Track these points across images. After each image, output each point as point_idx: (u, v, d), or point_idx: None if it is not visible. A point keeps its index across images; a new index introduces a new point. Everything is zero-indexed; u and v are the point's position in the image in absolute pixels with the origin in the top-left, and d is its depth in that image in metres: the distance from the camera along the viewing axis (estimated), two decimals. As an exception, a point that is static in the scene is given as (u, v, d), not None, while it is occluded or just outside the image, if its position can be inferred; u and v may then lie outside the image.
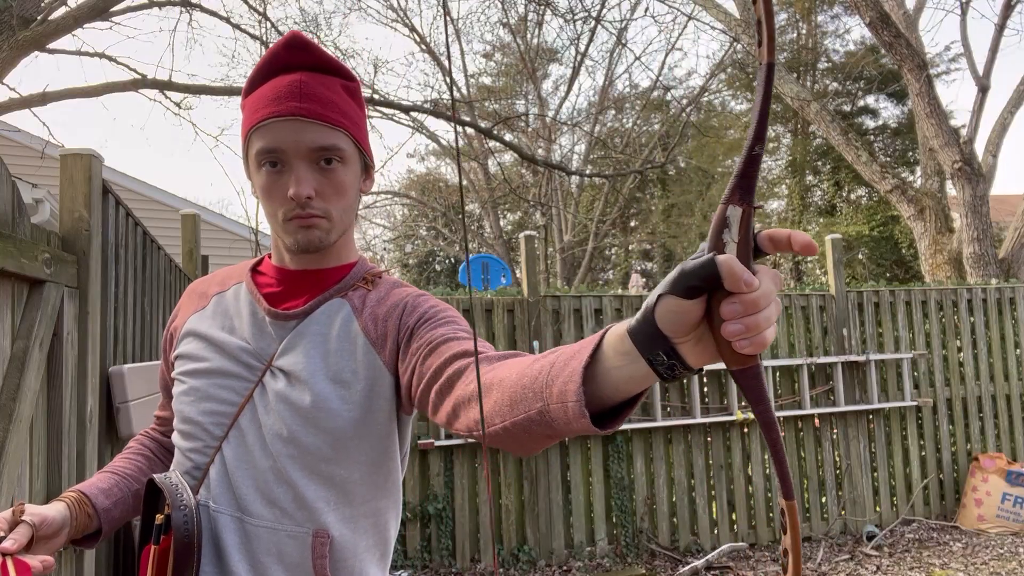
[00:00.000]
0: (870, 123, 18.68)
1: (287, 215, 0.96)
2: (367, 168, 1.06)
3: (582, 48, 16.35)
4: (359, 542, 0.98)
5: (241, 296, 1.06)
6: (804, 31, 18.59)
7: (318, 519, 0.94)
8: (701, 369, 0.59)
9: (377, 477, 1.00)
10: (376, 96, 7.61)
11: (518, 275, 13.21)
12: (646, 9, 19.42)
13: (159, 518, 0.88)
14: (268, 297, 1.04)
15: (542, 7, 9.00)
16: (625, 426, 4.53)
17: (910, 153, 17.32)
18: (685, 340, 0.57)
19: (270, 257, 1.10)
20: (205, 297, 1.10)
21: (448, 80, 15.69)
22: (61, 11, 5.25)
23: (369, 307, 1.01)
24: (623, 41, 12.02)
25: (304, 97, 0.95)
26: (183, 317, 1.10)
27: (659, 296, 0.56)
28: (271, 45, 1.10)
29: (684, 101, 16.27)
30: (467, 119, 10.94)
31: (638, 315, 0.60)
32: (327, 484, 0.96)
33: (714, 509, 4.83)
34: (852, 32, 19.43)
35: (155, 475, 0.95)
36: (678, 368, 0.58)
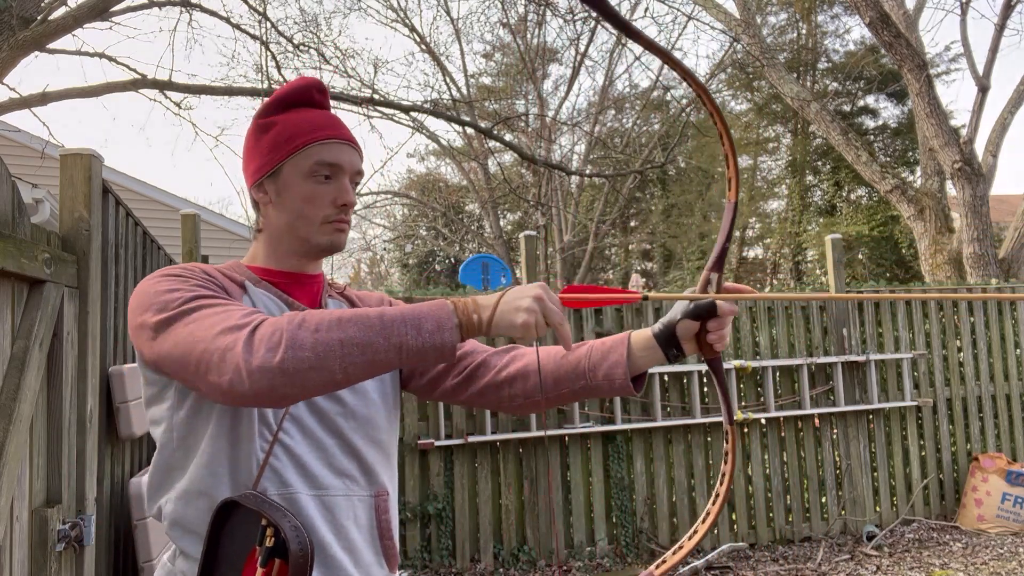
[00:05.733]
0: (870, 123, 18.66)
1: (328, 218, 1.12)
2: None
3: (582, 48, 16.35)
4: (393, 498, 1.17)
5: (267, 295, 1.11)
6: (804, 31, 18.57)
7: (377, 480, 1.12)
8: (684, 353, 1.14)
9: (394, 440, 1.21)
10: (376, 96, 7.60)
11: (518, 275, 13.20)
12: (646, 9, 19.43)
13: (270, 540, 0.91)
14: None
15: (542, 7, 9.00)
16: (625, 426, 4.53)
17: (910, 153, 17.29)
18: (686, 341, 1.14)
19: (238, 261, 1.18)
20: (233, 290, 1.09)
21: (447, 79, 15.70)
22: (61, 11, 5.24)
23: (360, 303, 1.23)
24: (623, 41, 12.00)
25: (349, 130, 1.17)
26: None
27: (680, 318, 1.12)
28: (296, 80, 1.19)
29: (684, 101, 16.26)
30: (467, 119, 10.92)
31: (660, 326, 1.14)
32: (379, 449, 1.14)
33: (714, 509, 4.82)
34: (852, 32, 19.47)
35: (234, 496, 0.96)
36: (680, 356, 1.14)
